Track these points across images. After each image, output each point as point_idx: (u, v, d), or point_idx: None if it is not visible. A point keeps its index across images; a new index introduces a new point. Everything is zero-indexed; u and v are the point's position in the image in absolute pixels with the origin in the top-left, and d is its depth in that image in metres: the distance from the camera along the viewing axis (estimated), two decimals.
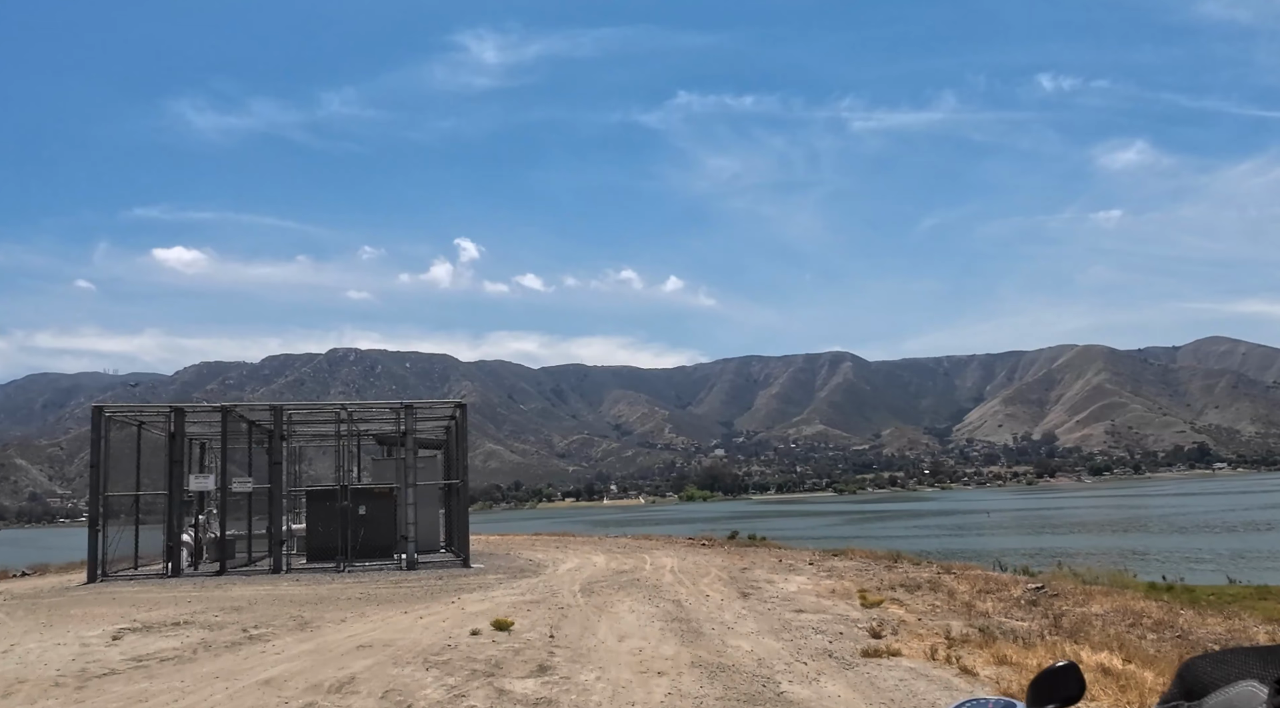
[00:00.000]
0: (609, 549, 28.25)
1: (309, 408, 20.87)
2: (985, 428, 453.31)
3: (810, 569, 20.45)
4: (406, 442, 20.34)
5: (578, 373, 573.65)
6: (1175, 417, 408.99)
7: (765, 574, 19.36)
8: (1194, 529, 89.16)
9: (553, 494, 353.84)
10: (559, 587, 16.45)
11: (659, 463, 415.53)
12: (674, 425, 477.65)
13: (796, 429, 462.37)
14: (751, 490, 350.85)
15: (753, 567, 21.17)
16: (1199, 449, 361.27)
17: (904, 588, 16.50)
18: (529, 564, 21.95)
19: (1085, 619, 13.32)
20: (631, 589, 16.08)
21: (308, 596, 15.11)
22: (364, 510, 21.21)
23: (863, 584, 17.13)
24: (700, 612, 12.97)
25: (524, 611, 12.84)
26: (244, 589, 16.39)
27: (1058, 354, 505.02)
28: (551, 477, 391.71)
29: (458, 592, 15.60)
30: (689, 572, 19.75)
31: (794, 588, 16.78)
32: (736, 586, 17.05)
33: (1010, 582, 17.29)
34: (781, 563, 22.24)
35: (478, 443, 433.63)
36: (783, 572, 20.00)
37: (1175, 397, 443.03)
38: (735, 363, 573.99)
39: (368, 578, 18.38)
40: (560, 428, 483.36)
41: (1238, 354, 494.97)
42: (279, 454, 20.04)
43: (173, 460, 19.54)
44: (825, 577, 18.80)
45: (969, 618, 13.24)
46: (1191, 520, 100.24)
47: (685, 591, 15.90)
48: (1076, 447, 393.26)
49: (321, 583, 17.53)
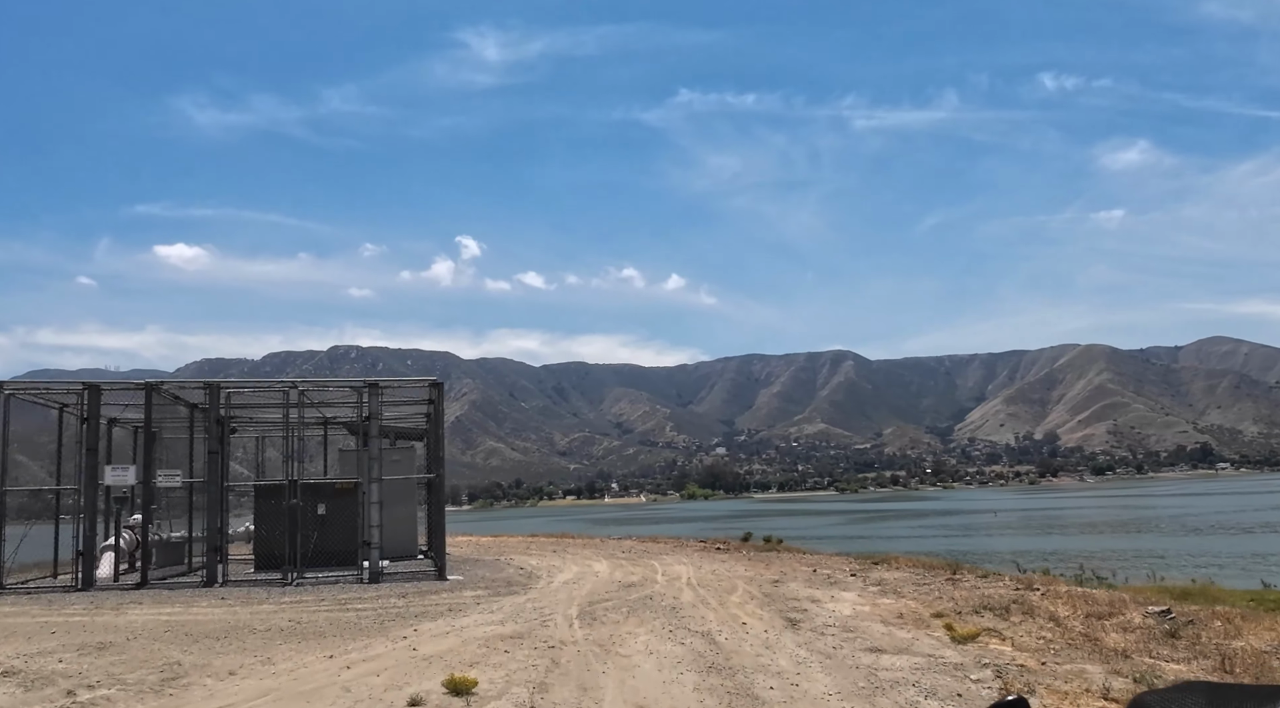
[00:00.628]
0: (612, 554, 24.86)
1: (251, 386, 17.36)
2: (987, 427, 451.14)
3: (855, 583, 16.96)
4: (370, 428, 16.86)
5: (579, 371, 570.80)
6: (1177, 417, 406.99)
7: (804, 589, 15.86)
8: (1208, 530, 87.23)
9: (554, 492, 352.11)
10: (551, 609, 12.92)
11: (660, 461, 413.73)
12: (675, 424, 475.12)
13: (798, 428, 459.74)
14: (753, 489, 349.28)
15: (785, 578, 17.67)
16: (1202, 449, 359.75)
17: (990, 611, 13.01)
18: (518, 575, 18.42)
19: (1259, 659, 9.85)
20: (644, 613, 12.56)
21: (216, 625, 11.60)
22: (323, 510, 17.70)
23: (933, 605, 13.65)
24: (743, 653, 9.44)
25: (498, 653, 9.30)
26: (141, 613, 12.88)
27: (1059, 354, 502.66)
28: (553, 475, 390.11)
29: (418, 618, 12.05)
30: (711, 585, 16.24)
31: (848, 610, 13.27)
32: (775, 607, 13.54)
33: (1119, 602, 13.77)
34: (817, 574, 18.76)
35: (479, 441, 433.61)
36: (823, 586, 16.51)
37: (1177, 397, 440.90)
38: (736, 361, 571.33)
39: (313, 596, 14.85)
40: (561, 426, 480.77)
41: (1240, 354, 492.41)
42: (216, 442, 16.52)
43: (87, 448, 16.04)
44: (880, 593, 15.30)
45: (1105, 660, 9.75)
46: (1203, 521, 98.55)
47: (713, 615, 12.37)
48: (1078, 446, 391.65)
49: (252, 602, 14.00)
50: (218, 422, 16.58)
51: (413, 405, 20.32)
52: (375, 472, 16.84)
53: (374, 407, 16.94)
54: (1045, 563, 43.99)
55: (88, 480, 16.01)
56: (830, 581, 17.45)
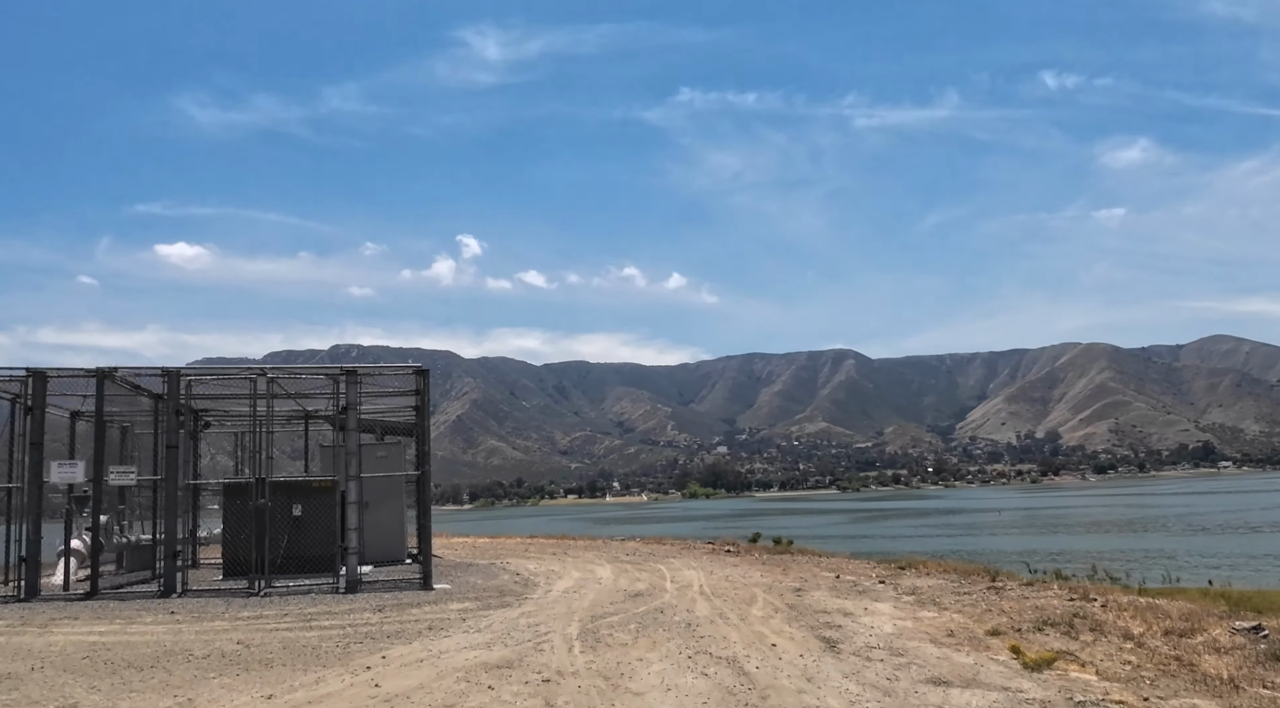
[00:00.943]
0: (616, 557, 23.19)
1: (215, 373, 15.63)
2: (988, 426, 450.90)
3: (886, 592, 15.29)
4: (348, 420, 15.15)
5: (580, 370, 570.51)
6: (1179, 415, 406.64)
7: (832, 600, 14.19)
8: (1216, 530, 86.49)
9: (555, 491, 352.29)
10: (548, 627, 11.20)
11: (661, 460, 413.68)
12: (676, 423, 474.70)
13: (799, 427, 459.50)
14: (754, 488, 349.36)
15: (806, 586, 16.00)
16: (1203, 448, 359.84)
17: (1052, 627, 11.34)
18: (513, 582, 16.70)
19: None
20: (656, 632, 10.85)
21: (149, 649, 9.84)
22: (299, 511, 16.00)
23: (983, 619, 11.98)
24: (781, 687, 7.72)
25: (479, 690, 7.52)
26: (70, 632, 11.12)
27: (1061, 352, 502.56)
28: (554, 474, 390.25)
29: (390, 640, 10.30)
30: (727, 595, 14.56)
31: (888, 626, 11.58)
32: (804, 622, 11.84)
33: (1194, 615, 12.08)
34: (840, 580, 17.09)
35: (480, 440, 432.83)
36: (852, 595, 14.84)
37: (1179, 395, 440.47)
38: (738, 360, 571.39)
39: (276, 609, 13.10)
40: (563, 425, 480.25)
41: (1241, 353, 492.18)
42: (175, 435, 14.80)
43: (31, 442, 14.33)
44: (917, 604, 13.63)
45: (1216, 693, 8.07)
46: (1211, 520, 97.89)
47: (736, 635, 10.65)
48: (1080, 445, 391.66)
49: (204, 617, 12.25)
50: (178, 412, 14.83)
51: (401, 397, 18.62)
52: (354, 469, 15.15)
53: (352, 396, 15.19)
54: (1054, 563, 42.79)
55: (31, 478, 14.30)
56: (858, 589, 15.78)
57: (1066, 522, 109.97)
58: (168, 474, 14.66)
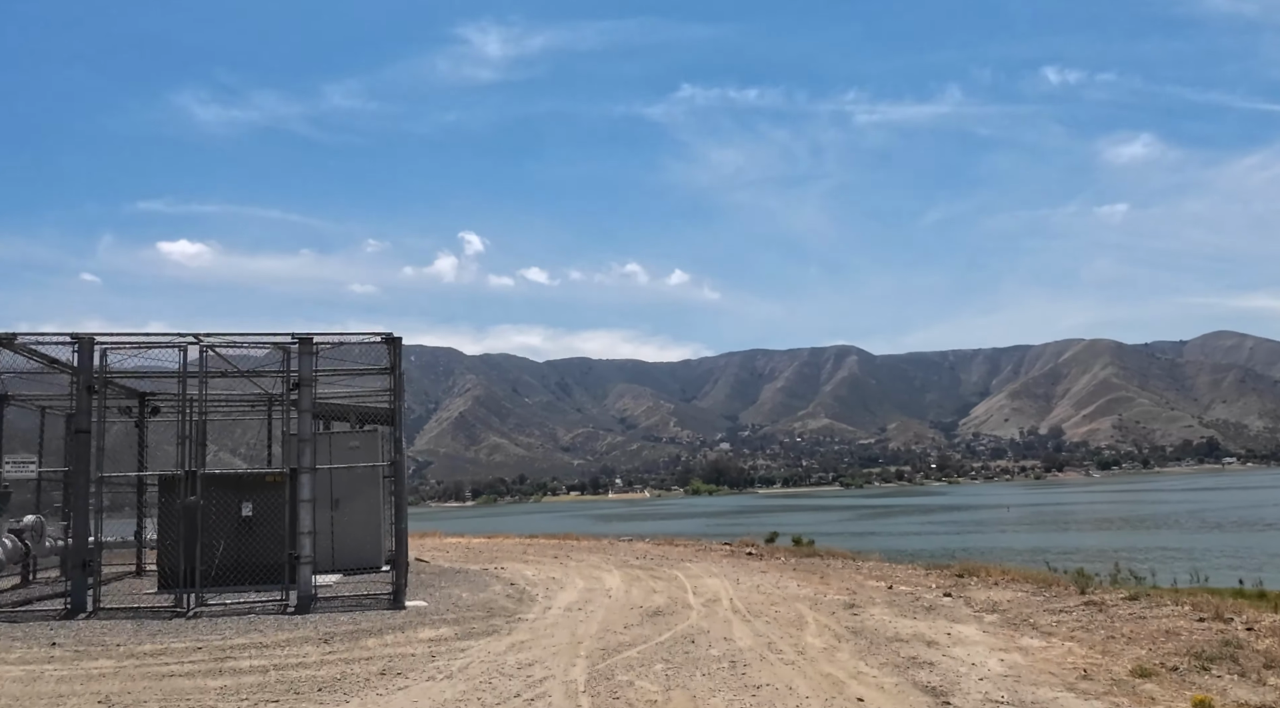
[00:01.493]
0: (625, 561, 20.39)
1: (136, 341, 12.64)
2: (991, 422, 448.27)
3: (960, 608, 12.50)
4: (301, 398, 12.33)
5: (582, 366, 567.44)
6: (1183, 411, 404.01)
7: (900, 621, 11.40)
8: (1231, 526, 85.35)
9: (557, 488, 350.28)
10: (546, 668, 8.37)
11: (664, 457, 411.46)
12: (679, 419, 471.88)
13: (802, 423, 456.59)
14: (757, 484, 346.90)
15: (860, 601, 13.22)
16: (1208, 444, 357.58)
17: (1211, 663, 8.56)
18: (506, 595, 14.02)
19: None
20: (690, 674, 8.02)
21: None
22: (249, 511, 13.22)
23: (1110, 650, 9.21)
24: None
25: None
26: None
27: (1064, 348, 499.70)
28: (556, 470, 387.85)
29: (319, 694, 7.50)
30: (766, 614, 11.78)
31: (994, 663, 8.76)
32: (882, 656, 9.02)
33: None
34: (895, 593, 14.32)
35: (483, 436, 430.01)
36: (920, 614, 12.04)
37: (1182, 391, 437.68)
38: (740, 356, 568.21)
39: (190, 639, 10.37)
40: (565, 422, 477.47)
41: (1245, 349, 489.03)
42: (86, 416, 11.99)
43: None
44: (1009, 628, 10.86)
45: None
46: (1223, 517, 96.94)
47: (801, 680, 7.82)
48: (1084, 441, 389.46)
49: (91, 653, 9.36)
50: (90, 389, 11.98)
51: (380, 377, 15.65)
52: (308, 458, 12.32)
53: (306, 370, 12.38)
54: (1070, 561, 40.67)
55: None
56: (922, 605, 12.97)
57: (1076, 518, 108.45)
58: (75, 465, 11.85)
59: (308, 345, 12.51)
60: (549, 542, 27.99)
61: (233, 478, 13.40)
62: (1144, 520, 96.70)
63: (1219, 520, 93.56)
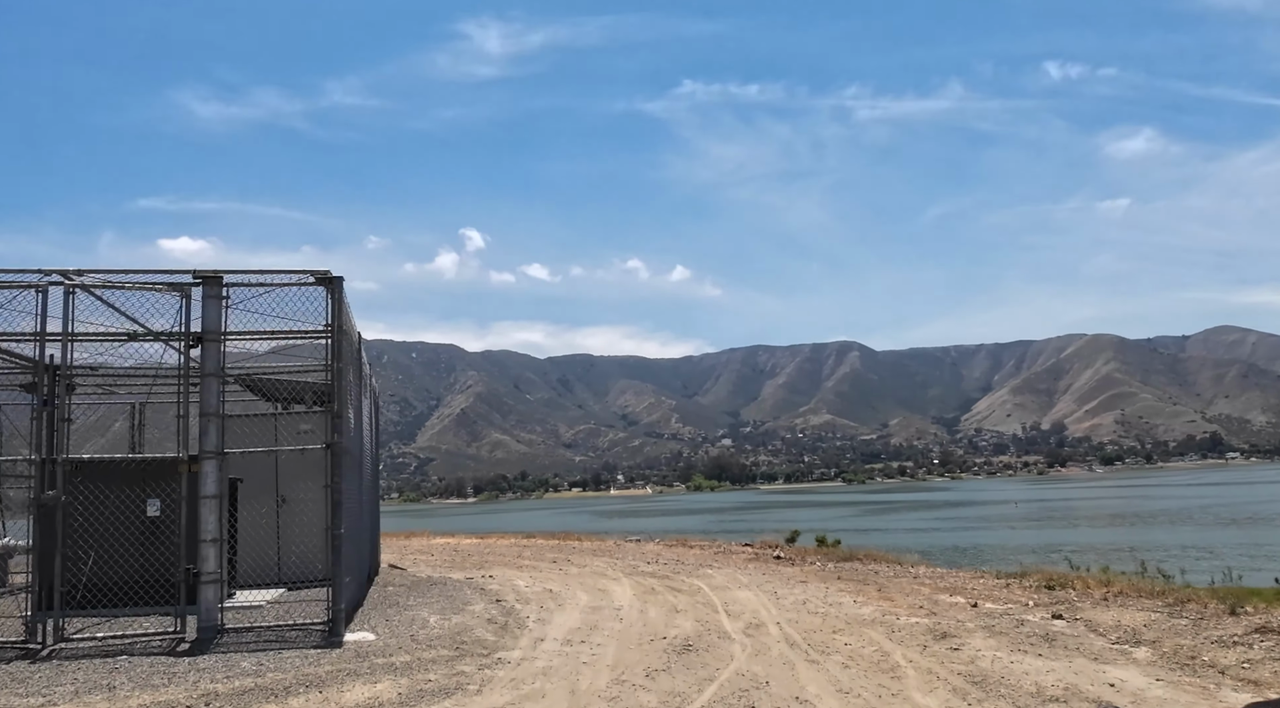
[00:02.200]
0: (635, 567, 18.11)
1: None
2: (993, 418, 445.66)
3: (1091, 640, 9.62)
4: (205, 357, 9.22)
5: (584, 363, 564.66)
6: (1185, 406, 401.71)
7: (1025, 660, 8.49)
8: (1245, 522, 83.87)
9: (559, 484, 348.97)
10: None
11: (666, 453, 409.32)
12: (680, 415, 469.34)
13: (804, 419, 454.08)
14: (759, 480, 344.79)
15: (949, 627, 10.39)
16: (1211, 439, 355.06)
17: None
18: (485, 622, 11.04)
19: None
20: None
21: None
22: (156, 510, 10.14)
23: None
24: None
25: None
26: None
27: (1066, 344, 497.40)
28: (558, 467, 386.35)
29: None
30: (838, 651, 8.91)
31: None
32: None
33: None
34: (984, 612, 11.33)
35: (484, 433, 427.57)
36: (1041, 647, 9.15)
37: (1185, 386, 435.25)
38: (742, 353, 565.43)
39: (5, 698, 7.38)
40: (567, 418, 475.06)
41: (1247, 344, 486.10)
42: None
43: None
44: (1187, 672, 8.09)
45: None
46: (1236, 512, 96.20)
47: None
48: (1086, 436, 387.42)
49: None
50: None
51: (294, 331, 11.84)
52: (212, 439, 9.27)
53: (213, 320, 9.35)
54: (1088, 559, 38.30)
55: None
56: (1034, 633, 10.02)
57: (1085, 514, 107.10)
58: None
59: (215, 287, 9.45)
60: (548, 543, 25.84)
61: (129, 467, 10.25)
62: (1155, 516, 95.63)
63: (1233, 516, 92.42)
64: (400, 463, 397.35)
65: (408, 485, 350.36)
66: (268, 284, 9.63)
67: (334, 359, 9.66)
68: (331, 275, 9.74)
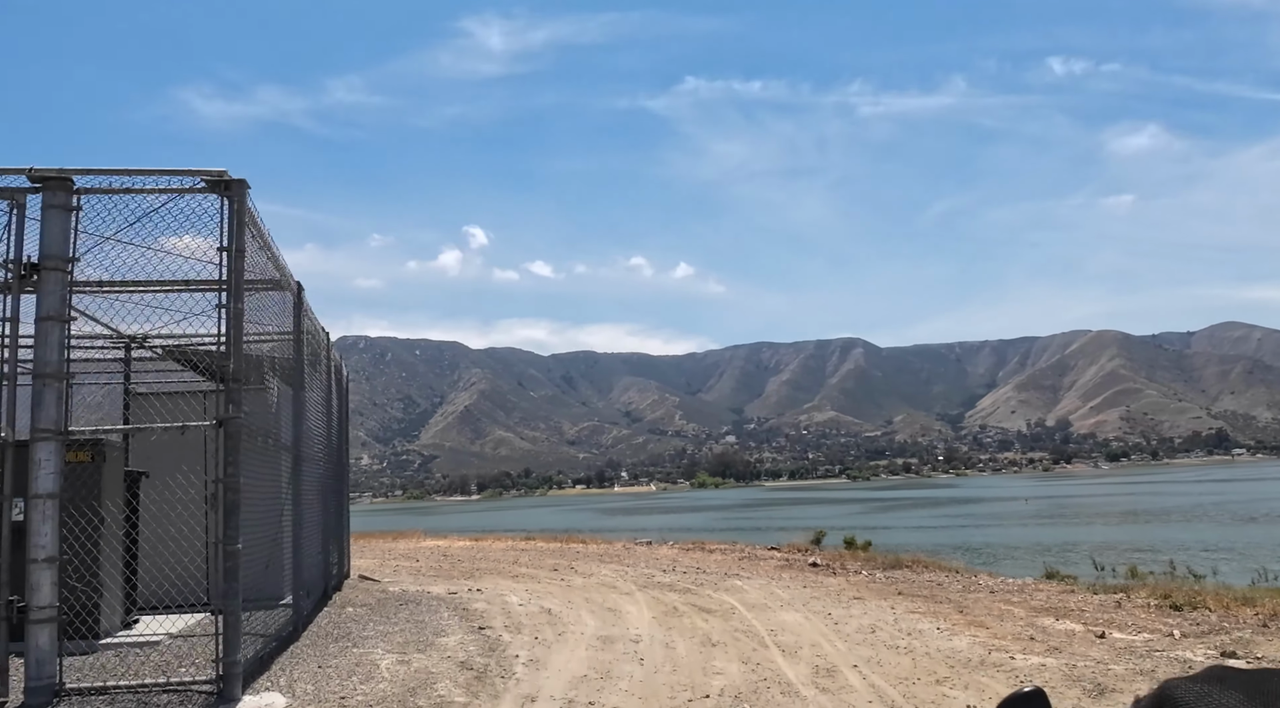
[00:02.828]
0: (649, 578, 15.69)
1: None
2: (998, 414, 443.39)
3: None
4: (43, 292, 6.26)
5: (587, 360, 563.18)
6: (1191, 403, 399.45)
7: None
8: (1264, 519, 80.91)
9: (563, 481, 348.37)
10: None
11: (670, 450, 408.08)
12: (684, 412, 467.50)
13: (808, 416, 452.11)
14: (764, 477, 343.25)
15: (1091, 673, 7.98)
16: (1217, 436, 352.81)
17: None
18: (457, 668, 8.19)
19: None
20: None
21: None
22: (19, 512, 7.23)
23: None
24: None
25: None
26: None
27: (1071, 340, 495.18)
28: (562, 464, 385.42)
29: None
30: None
31: None
32: None
33: None
34: (1119, 645, 8.45)
35: (488, 430, 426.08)
36: None
37: (1190, 383, 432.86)
38: (745, 349, 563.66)
39: None
40: (570, 415, 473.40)
41: (1253, 340, 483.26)
42: None
43: None
44: None
45: None
46: (1253, 509, 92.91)
47: None
48: (1091, 433, 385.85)
49: None
50: None
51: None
52: (49, 413, 6.21)
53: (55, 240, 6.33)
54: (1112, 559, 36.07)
55: None
56: None
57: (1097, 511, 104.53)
58: None
59: (61, 192, 6.60)
60: (549, 546, 23.42)
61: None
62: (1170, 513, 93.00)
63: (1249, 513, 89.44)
64: (404, 460, 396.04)
65: (411, 483, 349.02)
66: (140, 190, 6.58)
67: (232, 299, 6.64)
68: (230, 178, 6.82)
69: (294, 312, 10.05)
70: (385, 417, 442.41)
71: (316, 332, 11.79)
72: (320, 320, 11.92)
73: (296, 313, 10.15)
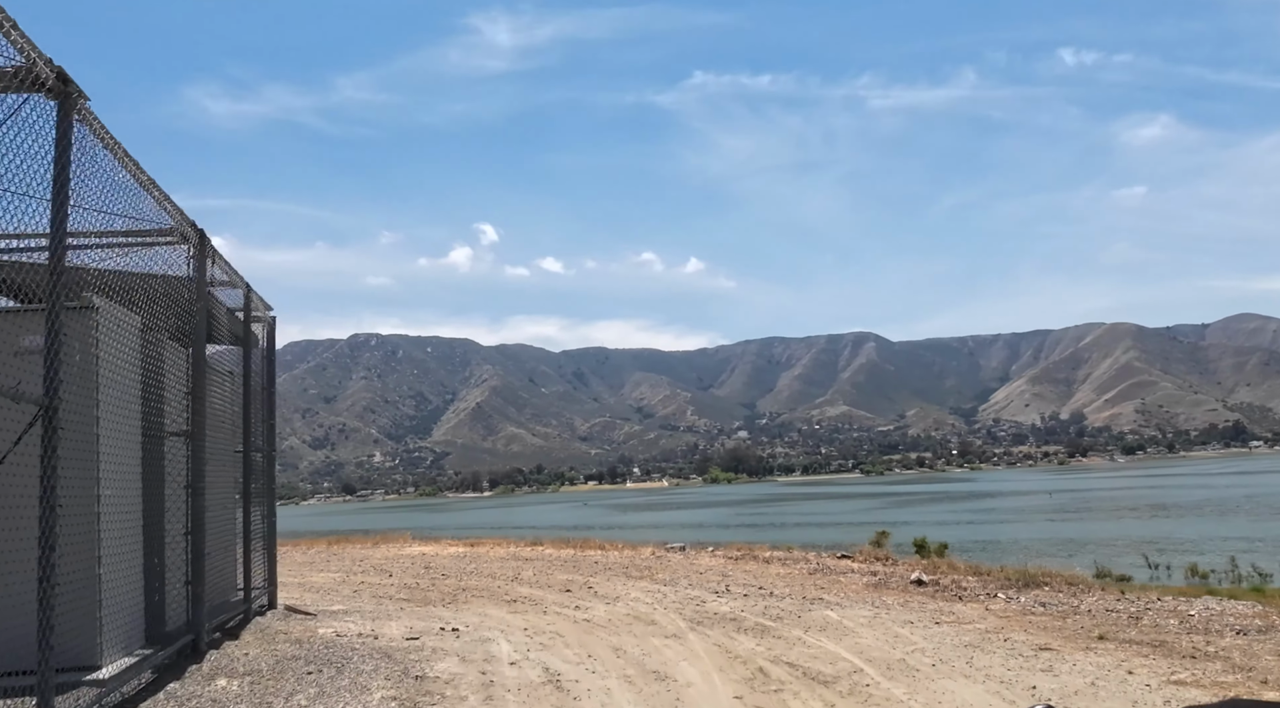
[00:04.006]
0: (702, 608, 12.07)
1: None
2: (1012, 408, 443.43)
3: None
4: None
5: (598, 356, 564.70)
6: (1206, 395, 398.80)
7: None
8: None
9: (575, 477, 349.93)
10: None
11: (681, 446, 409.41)
12: (696, 408, 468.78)
13: (820, 411, 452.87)
14: (776, 472, 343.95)
15: None
16: (1233, 428, 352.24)
17: None
18: None
19: None
20: None
21: None
22: None
23: None
24: None
25: None
26: None
27: (1084, 333, 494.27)
28: (573, 460, 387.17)
29: None
30: None
31: None
32: None
33: None
34: None
35: (500, 427, 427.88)
36: None
37: (1205, 375, 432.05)
38: (756, 344, 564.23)
39: None
40: (582, 411, 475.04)
41: (1268, 331, 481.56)
42: None
43: None
44: None
45: None
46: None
47: None
48: (1106, 426, 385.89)
49: None
50: None
51: None
52: None
53: None
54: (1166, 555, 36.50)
55: None
56: None
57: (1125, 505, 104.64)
58: None
59: None
60: (559, 553, 19.06)
61: None
62: (1200, 507, 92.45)
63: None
64: (416, 457, 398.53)
65: (424, 480, 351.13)
66: None
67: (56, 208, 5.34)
68: (66, 75, 5.71)
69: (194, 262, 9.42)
70: (397, 414, 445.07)
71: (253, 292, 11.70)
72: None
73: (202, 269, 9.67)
